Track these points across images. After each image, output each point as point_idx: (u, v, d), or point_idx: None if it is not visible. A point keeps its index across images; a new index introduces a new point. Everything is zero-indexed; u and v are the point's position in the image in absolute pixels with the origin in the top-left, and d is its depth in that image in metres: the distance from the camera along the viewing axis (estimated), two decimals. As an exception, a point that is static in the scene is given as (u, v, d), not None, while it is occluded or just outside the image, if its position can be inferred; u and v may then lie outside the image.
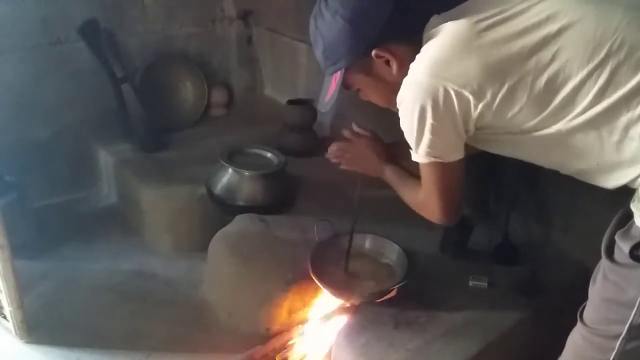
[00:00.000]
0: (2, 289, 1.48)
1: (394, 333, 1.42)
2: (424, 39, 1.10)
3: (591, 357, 1.07)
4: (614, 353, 1.01)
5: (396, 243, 1.63)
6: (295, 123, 2.26)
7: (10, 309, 1.52)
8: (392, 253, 1.64)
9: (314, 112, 2.28)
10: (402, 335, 1.42)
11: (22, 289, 1.51)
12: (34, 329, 1.59)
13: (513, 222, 1.71)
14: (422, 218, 1.28)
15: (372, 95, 1.21)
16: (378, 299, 1.52)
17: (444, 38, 1.05)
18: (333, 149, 1.51)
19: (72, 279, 1.85)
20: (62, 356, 1.56)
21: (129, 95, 2.23)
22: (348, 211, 1.57)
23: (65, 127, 2.24)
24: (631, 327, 0.98)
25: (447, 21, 1.07)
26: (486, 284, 1.58)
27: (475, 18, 1.03)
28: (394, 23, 1.10)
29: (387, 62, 1.13)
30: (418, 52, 1.08)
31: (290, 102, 2.29)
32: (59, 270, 1.88)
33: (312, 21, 1.17)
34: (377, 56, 1.12)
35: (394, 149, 1.40)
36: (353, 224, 1.56)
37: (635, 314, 0.98)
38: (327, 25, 1.12)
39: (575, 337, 1.11)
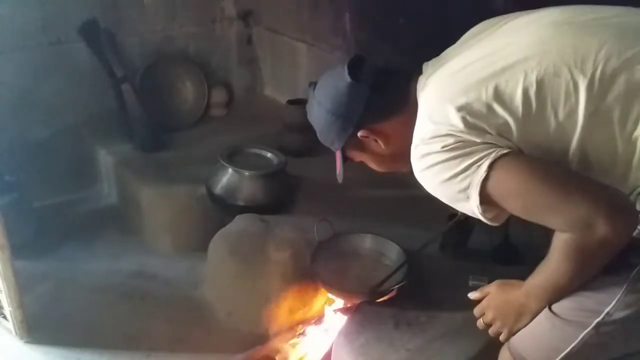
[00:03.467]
0: (2, 289, 1.48)
1: (394, 333, 1.42)
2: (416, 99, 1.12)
3: (555, 346, 1.07)
4: (575, 342, 1.03)
5: (396, 243, 1.63)
6: (295, 123, 2.25)
7: (10, 309, 1.52)
8: (392, 253, 1.64)
9: (314, 112, 2.28)
10: (402, 335, 1.41)
11: (22, 289, 1.51)
12: (34, 329, 1.59)
13: (513, 222, 1.70)
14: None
15: (373, 165, 1.26)
16: (378, 299, 1.52)
17: (428, 93, 1.08)
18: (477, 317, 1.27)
19: (72, 279, 1.85)
20: (61, 356, 1.56)
21: (129, 95, 2.23)
22: (348, 211, 1.56)
23: (65, 127, 2.24)
24: (602, 321, 1.00)
25: (428, 78, 1.10)
26: (486, 284, 1.57)
27: (453, 65, 1.07)
28: (373, 106, 1.14)
29: (375, 140, 1.17)
30: (402, 120, 1.12)
31: (290, 102, 2.29)
32: (59, 270, 1.88)
33: (307, 107, 1.26)
34: (363, 137, 1.17)
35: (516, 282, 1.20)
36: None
37: (609, 311, 0.99)
38: (315, 114, 1.22)
39: (542, 322, 1.10)
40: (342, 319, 1.54)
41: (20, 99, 2.12)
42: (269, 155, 2.00)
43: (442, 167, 1.00)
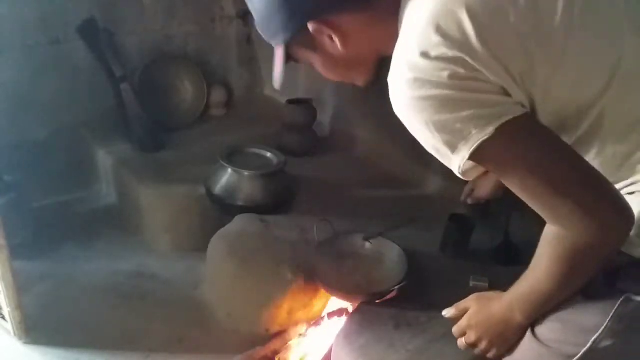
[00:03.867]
0: (0, 289, 1.47)
1: (394, 334, 1.42)
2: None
3: None
4: None
5: (396, 243, 1.63)
6: (295, 123, 2.25)
7: (8, 309, 1.52)
8: (392, 253, 1.63)
9: (314, 112, 2.27)
10: (403, 336, 1.41)
11: (20, 289, 1.50)
12: (33, 329, 1.58)
13: (514, 222, 1.70)
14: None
15: (323, 71, 1.03)
16: (378, 300, 1.51)
17: (416, 11, 0.84)
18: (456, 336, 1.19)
19: (71, 279, 1.84)
20: (60, 357, 1.55)
21: (128, 95, 2.22)
22: (348, 211, 1.56)
23: (64, 126, 2.23)
24: (589, 350, 0.95)
25: None
26: (487, 285, 1.57)
27: None
28: None
29: (330, 37, 0.94)
30: (371, 17, 0.91)
31: (290, 101, 2.28)
32: (58, 271, 1.87)
33: None
34: (316, 31, 0.93)
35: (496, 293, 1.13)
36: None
37: (595, 340, 0.94)
38: None
39: (526, 350, 1.04)
40: (341, 320, 1.54)
41: (18, 98, 2.11)
42: (268, 155, 1.99)
43: (441, 105, 0.81)
